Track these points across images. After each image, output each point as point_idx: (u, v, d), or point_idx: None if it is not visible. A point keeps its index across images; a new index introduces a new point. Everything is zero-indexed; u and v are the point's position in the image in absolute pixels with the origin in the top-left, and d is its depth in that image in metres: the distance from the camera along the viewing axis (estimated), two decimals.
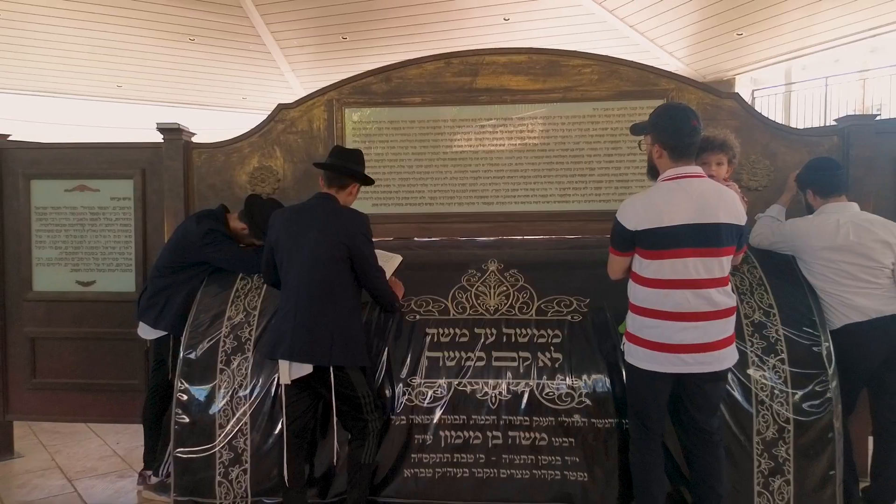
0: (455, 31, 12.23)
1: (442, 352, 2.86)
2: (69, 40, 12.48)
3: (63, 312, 3.72)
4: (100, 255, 3.71)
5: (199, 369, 2.90)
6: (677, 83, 3.45)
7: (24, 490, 3.34)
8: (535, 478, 2.73)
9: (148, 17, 11.94)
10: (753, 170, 3.38)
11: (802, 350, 2.70)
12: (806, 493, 2.62)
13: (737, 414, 2.67)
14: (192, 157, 3.63)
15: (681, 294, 2.32)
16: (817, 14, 10.30)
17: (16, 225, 3.72)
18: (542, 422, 2.74)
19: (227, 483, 2.82)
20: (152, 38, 12.63)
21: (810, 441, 2.62)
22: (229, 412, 2.85)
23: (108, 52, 13.06)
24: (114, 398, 3.72)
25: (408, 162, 3.58)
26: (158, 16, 11.97)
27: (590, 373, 2.78)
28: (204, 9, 11.83)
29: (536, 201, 3.51)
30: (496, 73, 3.50)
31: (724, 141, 2.76)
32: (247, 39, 12.87)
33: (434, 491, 2.76)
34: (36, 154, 3.75)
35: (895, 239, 2.70)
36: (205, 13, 11.98)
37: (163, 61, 13.45)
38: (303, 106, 3.61)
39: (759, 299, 2.84)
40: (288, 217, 2.68)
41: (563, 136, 3.49)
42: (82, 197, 3.70)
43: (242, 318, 2.99)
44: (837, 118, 3.42)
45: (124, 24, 12.18)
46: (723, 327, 2.37)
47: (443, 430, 2.78)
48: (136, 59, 13.30)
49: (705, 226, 2.29)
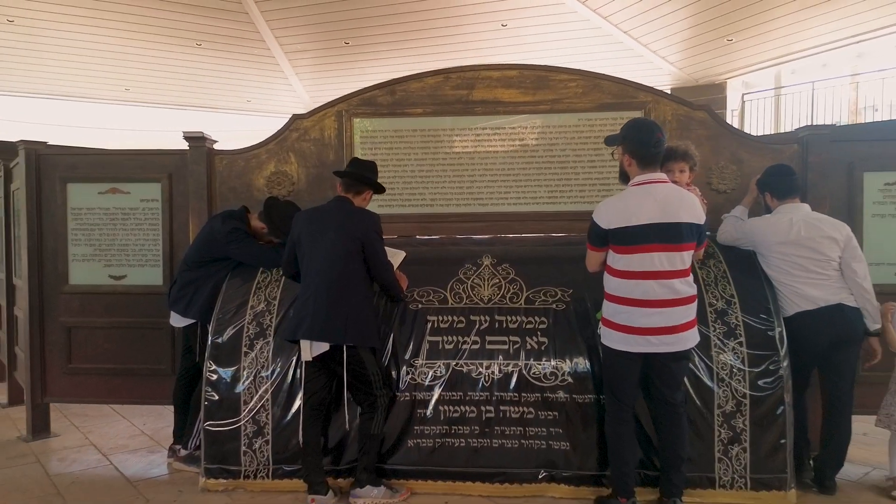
0: (454, 37, 12.57)
1: (441, 336, 3.23)
2: (80, 46, 12.82)
3: (96, 304, 4.08)
4: (130, 252, 4.07)
5: (225, 352, 3.27)
6: (654, 96, 3.81)
7: (65, 464, 3.71)
8: (523, 447, 3.10)
9: (157, 23, 12.27)
10: (722, 174, 3.74)
11: (758, 334, 3.07)
12: (760, 459, 2.98)
13: (700, 390, 3.03)
14: (214, 162, 3.99)
15: (648, 284, 2.69)
16: (804, 21, 10.65)
17: (53, 224, 4.08)
18: (530, 398, 3.11)
19: (251, 452, 3.19)
20: (161, 44, 12.97)
21: (764, 413, 2.99)
22: (253, 390, 3.21)
23: (117, 57, 13.40)
24: (142, 381, 4.07)
25: (410, 167, 3.94)
26: (167, 22, 12.30)
27: (572, 355, 3.14)
28: (211, 15, 12.18)
29: (527, 203, 3.87)
30: (490, 86, 3.87)
31: (685, 151, 3.13)
32: (252, 45, 13.21)
33: (434, 459, 3.13)
34: (72, 160, 4.12)
35: (840, 235, 3.06)
36: (212, 20, 12.32)
37: (171, 66, 13.79)
38: (315, 116, 3.98)
39: (722, 290, 3.21)
40: (309, 217, 3.05)
41: (551, 144, 3.85)
42: (114, 199, 4.06)
43: (264, 307, 3.36)
44: (798, 128, 3.78)
45: (134, 31, 12.50)
46: (685, 313, 2.73)
47: (442, 405, 3.15)
48: (144, 64, 13.64)
49: (668, 225, 2.66)
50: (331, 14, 12.08)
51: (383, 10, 11.82)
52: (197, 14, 12.13)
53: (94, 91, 14.62)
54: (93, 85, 14.29)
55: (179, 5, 11.85)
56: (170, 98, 15.23)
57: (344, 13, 12.01)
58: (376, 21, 12.16)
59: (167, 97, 15.18)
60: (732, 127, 3.87)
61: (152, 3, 11.55)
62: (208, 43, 13.07)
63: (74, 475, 3.52)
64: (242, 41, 13.07)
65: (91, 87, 14.43)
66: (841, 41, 11.04)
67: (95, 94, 14.83)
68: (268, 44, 13.18)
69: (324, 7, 11.86)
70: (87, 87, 14.39)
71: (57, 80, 13.89)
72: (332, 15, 12.09)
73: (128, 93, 14.86)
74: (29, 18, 11.85)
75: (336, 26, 12.51)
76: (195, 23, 12.37)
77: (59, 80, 13.85)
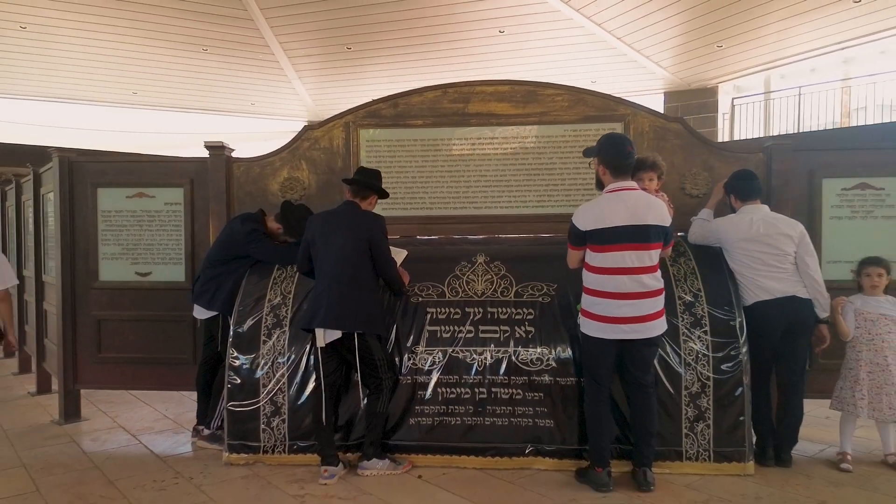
0: (453, 43, 12.93)
1: (439, 326, 3.60)
2: (90, 51, 13.17)
3: (124, 298, 4.46)
4: (155, 251, 4.44)
5: (246, 341, 3.64)
6: (633, 109, 4.18)
7: (98, 443, 4.08)
8: (512, 424, 3.47)
9: (164, 29, 12.63)
10: (695, 180, 4.12)
11: (721, 324, 3.45)
12: (722, 434, 3.36)
13: (670, 374, 3.41)
14: (232, 169, 4.37)
15: (620, 279, 3.07)
16: (792, 28, 11.03)
17: (85, 226, 4.46)
18: (518, 381, 3.49)
19: (270, 430, 3.56)
20: (168, 49, 13.32)
21: (725, 394, 3.36)
22: (270, 375, 3.59)
23: (125, 62, 13.74)
24: (166, 370, 4.44)
25: (411, 174, 4.32)
26: (174, 28, 12.67)
27: (556, 342, 3.52)
28: (217, 22, 12.54)
29: (517, 206, 4.25)
30: (484, 100, 4.25)
31: (654, 162, 3.51)
32: (257, 49, 13.57)
33: (433, 435, 3.50)
34: (102, 166, 4.50)
35: (794, 233, 3.44)
36: (218, 26, 12.68)
37: (177, 70, 14.14)
38: (325, 127, 4.35)
39: (690, 284, 3.59)
40: (321, 220, 3.43)
41: (540, 153, 4.23)
42: (141, 202, 4.44)
43: (280, 301, 3.73)
44: (764, 137, 4.15)
45: (142, 36, 12.86)
46: (653, 304, 3.11)
47: (440, 387, 3.52)
48: (152, 68, 13.99)
49: (637, 226, 3.04)
50: (334, 20, 12.44)
51: (384, 17, 12.18)
52: (203, 20, 12.49)
53: (103, 94, 14.97)
54: (101, 89, 14.64)
55: (187, 12, 12.21)
56: (176, 101, 15.59)
57: (346, 20, 12.37)
58: (378, 27, 12.51)
59: (173, 100, 15.54)
60: (704, 137, 4.24)
61: (160, 10, 11.91)
62: (214, 48, 13.42)
63: (108, 453, 3.90)
64: (247, 46, 13.42)
65: (100, 91, 14.78)
66: (828, 47, 11.42)
67: (104, 98, 15.18)
68: (272, 49, 13.53)
69: (327, 14, 12.22)
70: (96, 91, 14.74)
71: (67, 84, 14.25)
72: (334, 21, 12.45)
73: (135, 96, 15.22)
74: (41, 25, 12.20)
75: (339, 32, 12.87)
76: (202, 29, 12.72)
77: (69, 84, 14.21)
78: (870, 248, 3.83)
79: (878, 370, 3.43)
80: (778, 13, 10.57)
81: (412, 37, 12.78)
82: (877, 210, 4.01)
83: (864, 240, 3.97)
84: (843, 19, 10.39)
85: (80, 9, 11.73)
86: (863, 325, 3.49)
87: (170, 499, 3.16)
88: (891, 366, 3.42)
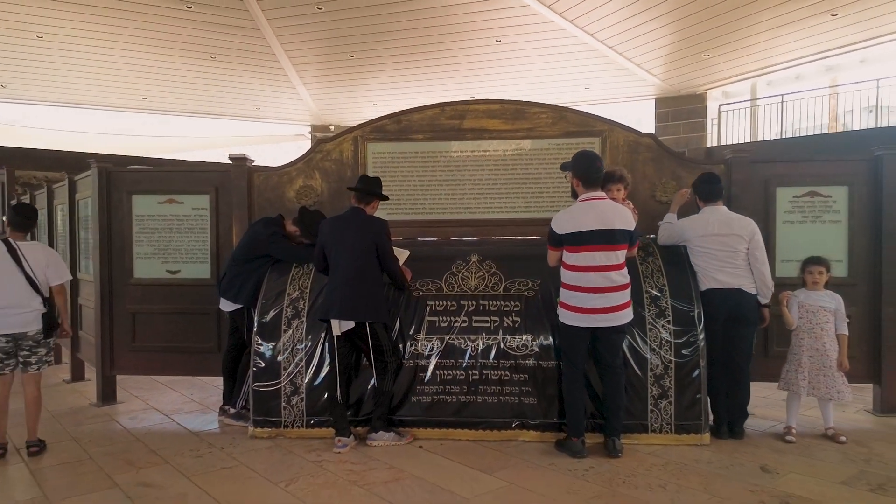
0: (451, 52, 13.47)
1: (437, 317, 4.13)
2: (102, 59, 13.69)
3: (156, 293, 4.98)
4: (184, 251, 4.97)
5: (269, 330, 4.17)
6: (609, 125, 4.71)
7: (135, 421, 4.61)
8: (500, 402, 4.00)
9: (175, 38, 13.17)
10: (664, 188, 4.64)
11: (682, 315, 3.97)
12: (682, 410, 3.88)
13: (637, 358, 3.93)
14: (253, 178, 4.90)
15: (591, 275, 3.59)
16: (775, 39, 11.58)
17: (121, 229, 4.98)
18: (506, 364, 4.01)
19: (290, 407, 4.09)
20: (178, 57, 13.86)
21: (685, 375, 3.88)
22: (290, 359, 4.11)
23: (136, 69, 14.24)
24: (193, 357, 4.97)
25: (413, 182, 4.84)
26: (184, 37, 13.21)
27: (539, 331, 4.04)
28: (226, 31, 13.07)
29: (507, 211, 4.77)
30: (478, 117, 4.77)
31: (621, 175, 4.04)
32: (263, 57, 14.11)
33: (432, 411, 4.03)
34: (136, 175, 5.02)
35: (746, 232, 3.95)
36: (227, 35, 13.22)
37: (186, 77, 14.66)
38: (336, 141, 4.88)
39: (656, 280, 4.11)
40: (333, 224, 3.96)
41: (527, 164, 4.75)
42: (171, 207, 4.96)
43: (298, 294, 4.26)
44: (727, 148, 4.68)
45: (153, 45, 13.38)
46: (620, 297, 3.64)
47: (438, 370, 4.05)
48: (162, 75, 14.50)
49: (606, 230, 3.56)
50: (337, 29, 12.97)
51: (386, 26, 12.70)
52: (212, 30, 13.02)
53: (114, 100, 15.50)
54: (113, 94, 15.16)
55: (196, 22, 12.75)
56: (184, 106, 16.11)
57: (350, 28, 12.90)
58: (379, 36, 13.03)
59: (182, 105, 16.06)
60: (672, 150, 4.77)
61: (171, 20, 12.44)
62: (222, 56, 13.95)
63: (146, 428, 4.42)
64: (254, 54, 13.95)
65: (111, 97, 15.30)
66: (810, 56, 11.95)
67: (115, 103, 15.72)
68: (277, 56, 14.06)
69: (331, 24, 12.73)
70: (108, 97, 15.27)
71: (80, 90, 14.77)
72: (338, 31, 12.98)
73: (144, 101, 15.73)
74: (56, 34, 12.73)
75: (342, 41, 13.39)
76: (210, 37, 13.25)
77: (82, 89, 14.73)
78: (817, 249, 4.36)
79: (817, 355, 3.96)
80: (762, 24, 11.10)
81: (412, 45, 13.29)
82: (824, 215, 4.54)
83: (812, 241, 4.50)
84: (823, 31, 10.92)
85: (93, 19, 12.26)
86: (805, 316, 4.01)
87: (206, 464, 3.68)
88: (829, 350, 3.94)
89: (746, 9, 10.64)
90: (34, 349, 3.77)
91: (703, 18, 11.13)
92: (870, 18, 10.18)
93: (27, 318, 3.70)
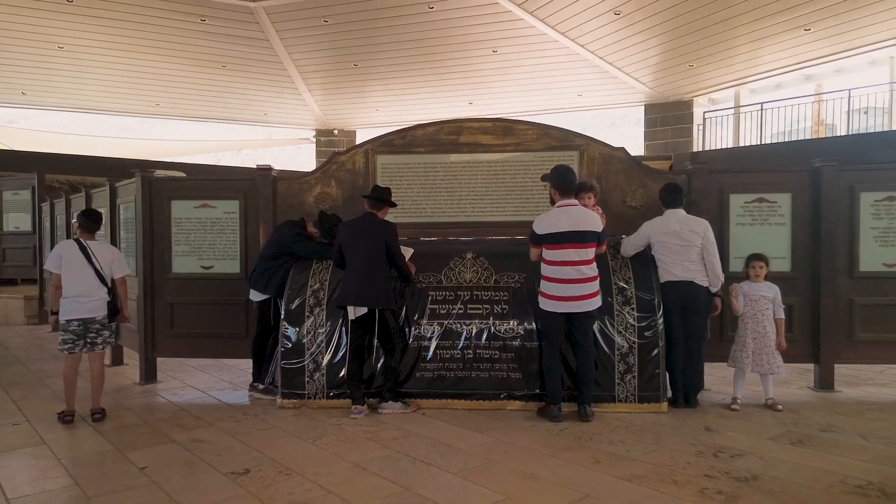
0: (450, 61, 14.20)
1: (437, 305, 4.86)
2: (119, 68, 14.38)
3: (192, 286, 5.70)
4: (216, 249, 5.68)
5: (294, 316, 4.89)
6: (587, 140, 5.43)
7: (177, 396, 5.33)
8: (490, 376, 4.72)
9: (187, 48, 13.91)
10: (634, 195, 5.36)
11: (645, 303, 4.70)
12: (644, 383, 4.60)
13: (606, 339, 4.65)
14: (277, 185, 5.62)
15: (566, 269, 4.32)
16: (755, 51, 12.35)
17: (161, 230, 5.70)
18: (496, 344, 4.74)
19: (312, 381, 4.81)
20: (190, 66, 14.54)
21: (646, 354, 4.61)
22: (312, 341, 4.84)
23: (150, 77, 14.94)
24: (224, 342, 5.69)
25: (416, 189, 5.56)
26: (196, 47, 13.95)
27: (523, 317, 4.77)
28: (237, 42, 13.79)
29: (498, 215, 5.50)
30: (472, 133, 5.50)
31: (591, 185, 4.77)
32: (271, 66, 14.85)
33: (433, 385, 4.75)
34: (175, 183, 5.75)
35: (700, 230, 4.67)
36: (237, 45, 13.93)
37: (198, 84, 15.36)
38: (349, 153, 5.60)
39: (623, 274, 4.84)
40: (349, 227, 4.68)
41: (515, 174, 5.47)
42: (205, 211, 5.68)
43: (318, 286, 4.98)
44: (688, 157, 5.40)
45: (167, 54, 14.08)
46: (590, 287, 4.36)
47: (438, 350, 4.77)
48: (174, 82, 15.20)
49: (577, 231, 4.29)
50: (342, 40, 13.69)
51: (388, 37, 13.43)
52: (224, 41, 13.75)
53: (129, 106, 16.20)
54: (128, 101, 15.86)
55: (208, 33, 13.49)
56: (195, 112, 16.82)
57: (353, 39, 13.61)
58: (382, 47, 13.76)
59: (193, 111, 16.76)
60: (640, 162, 5.50)
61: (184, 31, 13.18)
62: (232, 65, 14.67)
63: (187, 401, 5.15)
64: (263, 63, 14.67)
65: (126, 103, 16.00)
66: (788, 67, 12.69)
67: (129, 109, 16.42)
68: (285, 65, 14.78)
69: (336, 35, 13.45)
70: (123, 103, 15.97)
71: (97, 97, 15.47)
72: (343, 41, 13.69)
73: (157, 107, 16.43)
74: (75, 45, 13.44)
75: (346, 51, 14.11)
76: (221, 47, 13.97)
77: (99, 96, 15.44)
78: (765, 248, 5.09)
79: (759, 336, 4.69)
80: (742, 38, 11.84)
81: (413, 55, 14.00)
82: (770, 219, 5.27)
83: (761, 241, 5.23)
84: (798, 44, 11.66)
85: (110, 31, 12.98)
86: (749, 304, 4.74)
87: (245, 426, 4.41)
88: (769, 333, 4.68)
89: (727, 23, 11.38)
90: (100, 332, 4.49)
91: (688, 32, 11.86)
92: (839, 34, 10.92)
93: (95, 305, 4.42)
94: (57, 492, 3.33)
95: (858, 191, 5.22)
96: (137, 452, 3.91)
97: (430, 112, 16.17)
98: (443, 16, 12.51)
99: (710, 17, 11.18)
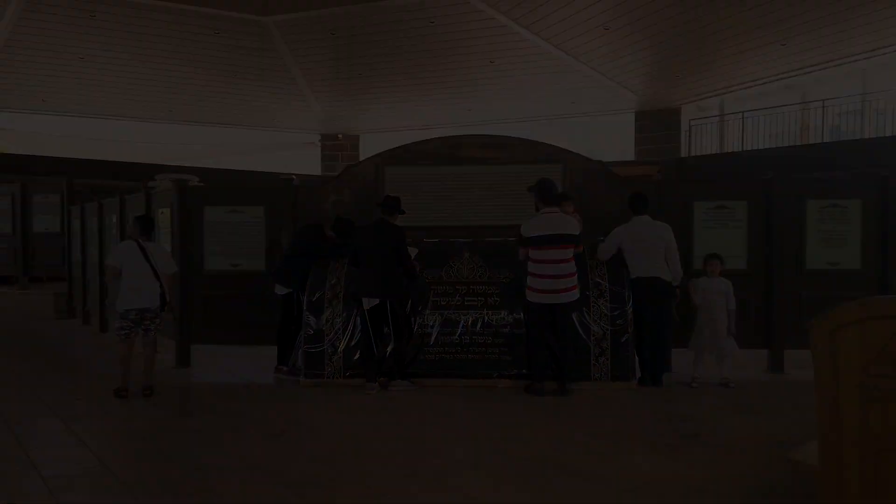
0: (450, 70, 14.97)
1: (439, 298, 5.63)
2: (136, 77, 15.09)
3: (222, 282, 6.46)
4: (243, 249, 6.45)
5: (315, 307, 5.66)
6: (570, 155, 6.21)
7: (210, 377, 6.10)
8: (485, 359, 5.49)
9: (201, 57, 14.64)
10: (610, 202, 6.13)
11: (617, 295, 5.47)
12: (616, 364, 5.37)
13: (584, 326, 5.42)
14: (297, 193, 6.39)
15: (548, 266, 5.10)
16: (737, 63, 13.18)
17: (195, 232, 6.47)
18: (489, 331, 5.51)
19: (331, 363, 5.58)
20: (203, 74, 15.26)
21: (617, 339, 5.38)
22: (331, 328, 5.61)
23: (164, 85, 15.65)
24: (250, 330, 6.43)
25: (420, 197, 6.32)
26: (209, 56, 14.69)
27: (513, 308, 5.54)
28: (248, 53, 14.52)
29: (492, 219, 6.26)
30: (470, 147, 6.27)
31: (570, 195, 5.55)
32: (279, 74, 15.62)
33: (435, 366, 5.52)
34: (207, 190, 6.52)
35: (664, 233, 5.44)
36: (248, 56, 14.64)
37: (210, 91, 16.07)
38: (361, 165, 6.38)
39: (599, 271, 5.61)
40: (364, 231, 5.46)
41: (507, 183, 6.23)
42: (234, 216, 6.45)
43: (336, 281, 5.76)
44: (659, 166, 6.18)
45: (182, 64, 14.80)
46: (569, 282, 5.14)
47: (439, 336, 5.54)
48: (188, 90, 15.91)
49: (557, 234, 5.07)
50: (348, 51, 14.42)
51: (391, 48, 14.21)
52: (235, 51, 14.49)
53: (143, 112, 16.94)
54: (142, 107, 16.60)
55: (222, 45, 14.22)
56: (207, 117, 17.56)
57: (360, 50, 14.35)
58: (385, 57, 14.54)
59: (205, 116, 17.50)
60: (613, 173, 6.28)
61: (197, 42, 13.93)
62: (243, 73, 15.41)
63: (220, 381, 5.93)
64: (272, 72, 15.44)
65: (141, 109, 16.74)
66: (768, 77, 13.47)
67: (143, 114, 17.15)
68: (293, 74, 15.54)
69: (342, 47, 14.20)
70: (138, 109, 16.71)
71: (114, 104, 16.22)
72: (349, 52, 14.43)
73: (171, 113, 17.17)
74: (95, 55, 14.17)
75: (351, 60, 14.85)
76: (233, 57, 14.73)
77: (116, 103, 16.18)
78: (725, 248, 5.86)
79: (713, 325, 5.46)
80: (725, 51, 12.65)
81: (414, 64, 14.78)
82: (729, 223, 6.05)
83: (722, 243, 5.98)
84: (776, 57, 12.46)
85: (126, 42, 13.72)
86: (705, 298, 5.51)
87: (273, 398, 5.20)
88: (722, 321, 5.45)
89: (711, 38, 12.20)
90: (153, 319, 5.27)
91: (674, 45, 12.67)
92: (812, 49, 11.71)
93: (152, 296, 5.20)
94: (130, 450, 4.11)
95: (806, 198, 6.00)
96: (189, 419, 4.68)
97: (431, 118, 16.94)
98: (444, 29, 13.29)
99: (696, 31, 11.95)
